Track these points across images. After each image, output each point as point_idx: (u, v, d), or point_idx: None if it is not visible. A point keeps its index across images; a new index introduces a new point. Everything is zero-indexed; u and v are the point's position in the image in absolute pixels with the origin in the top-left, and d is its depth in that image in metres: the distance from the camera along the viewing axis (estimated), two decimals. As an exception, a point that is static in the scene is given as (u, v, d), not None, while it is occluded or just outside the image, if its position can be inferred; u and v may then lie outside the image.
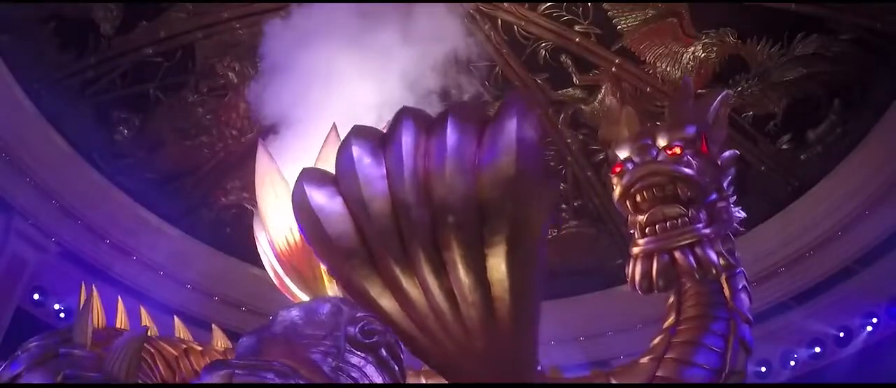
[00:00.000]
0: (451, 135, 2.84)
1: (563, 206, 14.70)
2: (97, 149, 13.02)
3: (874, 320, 12.26)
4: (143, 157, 13.50)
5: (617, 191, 4.55)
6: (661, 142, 4.55)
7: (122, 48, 12.72)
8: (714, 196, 4.49)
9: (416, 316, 3.09)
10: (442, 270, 2.94)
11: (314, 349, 3.68)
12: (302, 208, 3.04)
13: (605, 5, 13.03)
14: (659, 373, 4.20)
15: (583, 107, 14.02)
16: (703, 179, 4.40)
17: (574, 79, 13.81)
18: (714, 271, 4.23)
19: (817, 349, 12.98)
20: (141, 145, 13.46)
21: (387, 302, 3.10)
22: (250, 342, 3.74)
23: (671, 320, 4.46)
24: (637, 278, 4.35)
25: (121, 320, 4.33)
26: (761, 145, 13.02)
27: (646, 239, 4.35)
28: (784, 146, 13.00)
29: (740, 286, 4.53)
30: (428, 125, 2.97)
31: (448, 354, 3.12)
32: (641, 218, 4.45)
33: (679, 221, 4.27)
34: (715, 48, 12.71)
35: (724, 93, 5.14)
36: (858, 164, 12.19)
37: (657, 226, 4.31)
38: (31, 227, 12.27)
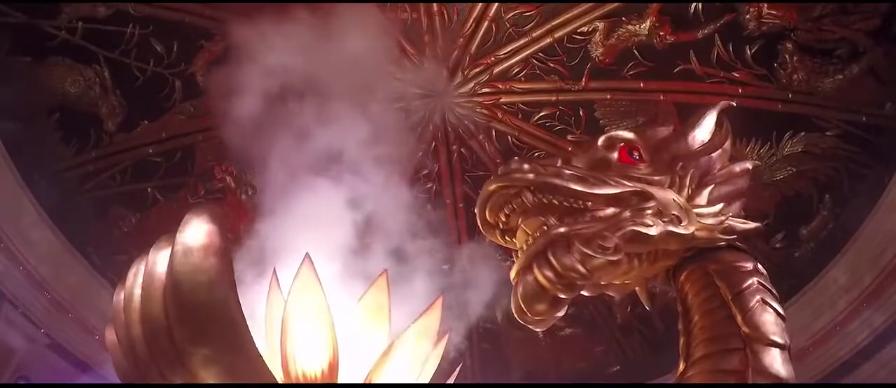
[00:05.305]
0: (149, 260, 3.12)
1: (558, 312, 14.57)
2: (93, 243, 13.06)
3: (879, 413, 11.95)
4: (138, 255, 13.39)
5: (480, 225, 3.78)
6: None
7: (124, 145, 12.98)
8: (641, 201, 3.74)
9: None
10: None
11: None
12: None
13: (597, 114, 13.37)
14: None
15: (574, 215, 14.10)
16: (562, 180, 3.54)
17: (567, 186, 13.97)
18: (573, 275, 3.31)
19: (823, 450, 12.55)
20: (137, 243, 13.38)
21: None
22: None
23: (681, 367, 3.68)
24: (513, 312, 3.51)
25: None
26: (754, 246, 12.99)
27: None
28: (777, 245, 13.03)
29: (752, 304, 3.62)
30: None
31: None
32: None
33: (539, 232, 3.46)
34: (705, 152, 12.87)
35: (722, 104, 4.56)
36: (853, 256, 12.18)
37: (525, 247, 3.52)
38: (21, 316, 12.12)
